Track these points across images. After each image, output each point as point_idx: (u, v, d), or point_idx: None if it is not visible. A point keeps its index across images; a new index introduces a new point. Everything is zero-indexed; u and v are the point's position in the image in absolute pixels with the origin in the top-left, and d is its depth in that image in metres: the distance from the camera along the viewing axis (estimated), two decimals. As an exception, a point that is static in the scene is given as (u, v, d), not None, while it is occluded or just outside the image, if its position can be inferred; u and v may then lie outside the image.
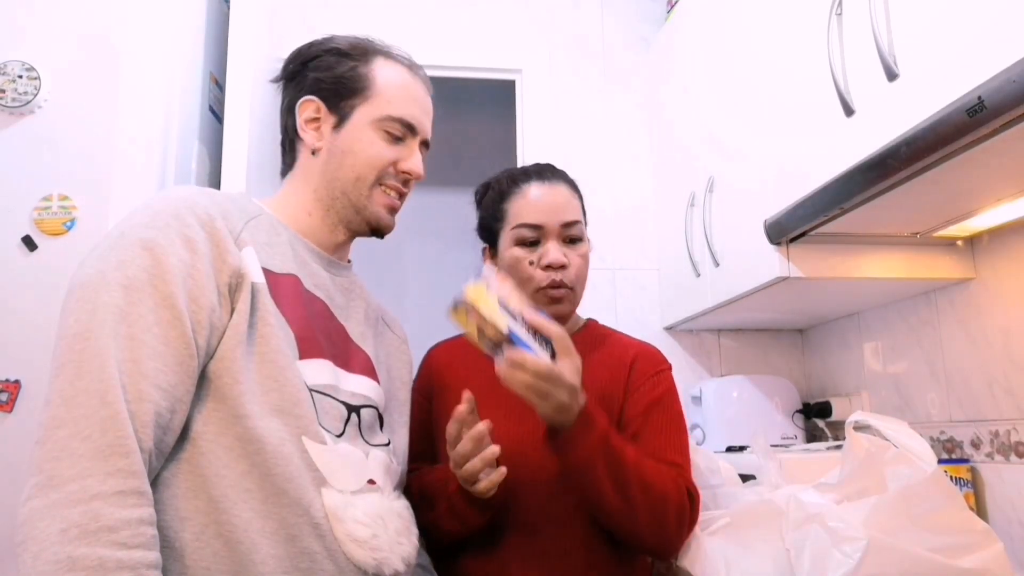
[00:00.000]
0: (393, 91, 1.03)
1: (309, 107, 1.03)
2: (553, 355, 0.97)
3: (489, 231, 1.23)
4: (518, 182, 1.21)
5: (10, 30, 1.49)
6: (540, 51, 2.46)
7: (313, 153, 1.03)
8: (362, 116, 1.01)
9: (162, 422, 0.78)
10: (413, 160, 1.04)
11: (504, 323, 0.94)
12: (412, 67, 1.07)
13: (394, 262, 3.19)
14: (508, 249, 1.18)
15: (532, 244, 1.17)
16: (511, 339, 0.94)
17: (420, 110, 1.05)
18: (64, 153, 1.46)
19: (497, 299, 0.95)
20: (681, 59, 2.18)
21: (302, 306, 0.94)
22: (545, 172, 1.23)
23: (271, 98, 1.07)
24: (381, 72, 1.03)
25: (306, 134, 1.03)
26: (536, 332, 0.97)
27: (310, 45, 1.06)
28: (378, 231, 1.06)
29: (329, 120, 1.02)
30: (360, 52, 1.04)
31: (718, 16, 1.94)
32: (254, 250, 0.91)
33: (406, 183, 1.05)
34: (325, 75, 1.02)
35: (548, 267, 1.15)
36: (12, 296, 1.38)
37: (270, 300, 0.89)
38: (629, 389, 1.16)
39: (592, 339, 1.22)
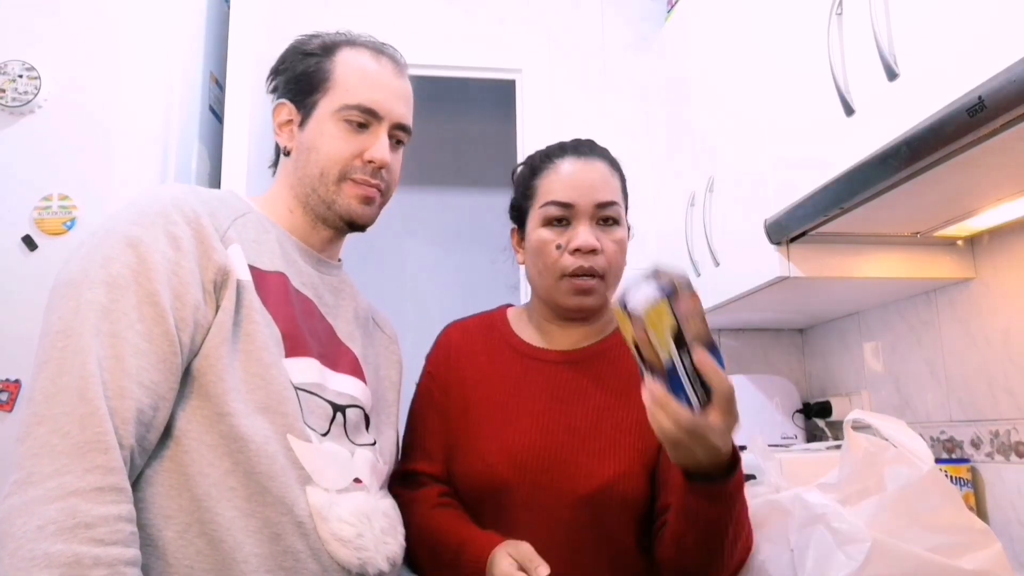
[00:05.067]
0: (351, 78, 1.00)
1: (282, 111, 1.03)
2: (707, 402, 0.85)
3: (519, 211, 1.14)
4: (552, 157, 1.11)
5: (10, 30, 1.49)
6: (540, 51, 2.46)
7: (287, 153, 1.03)
8: (323, 109, 1.00)
9: (144, 419, 0.78)
10: (376, 147, 0.99)
11: (667, 354, 0.83)
12: (377, 51, 1.04)
13: (393, 262, 3.19)
14: (535, 230, 1.09)
15: (561, 225, 1.07)
16: (667, 373, 0.84)
17: (386, 93, 1.01)
18: (64, 153, 1.46)
19: (673, 323, 0.83)
20: (681, 59, 2.18)
21: (289, 304, 0.94)
22: (582, 147, 1.12)
23: (271, 98, 1.08)
24: (342, 62, 1.01)
25: (280, 136, 1.04)
26: (699, 374, 0.84)
27: (283, 52, 1.06)
28: (354, 225, 1.02)
29: (297, 119, 1.02)
30: (323, 47, 1.03)
31: (718, 16, 1.94)
32: (241, 248, 0.90)
33: (375, 173, 1.00)
34: (291, 76, 1.03)
35: (577, 251, 1.04)
36: (12, 296, 1.38)
37: (256, 297, 0.89)
38: None
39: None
